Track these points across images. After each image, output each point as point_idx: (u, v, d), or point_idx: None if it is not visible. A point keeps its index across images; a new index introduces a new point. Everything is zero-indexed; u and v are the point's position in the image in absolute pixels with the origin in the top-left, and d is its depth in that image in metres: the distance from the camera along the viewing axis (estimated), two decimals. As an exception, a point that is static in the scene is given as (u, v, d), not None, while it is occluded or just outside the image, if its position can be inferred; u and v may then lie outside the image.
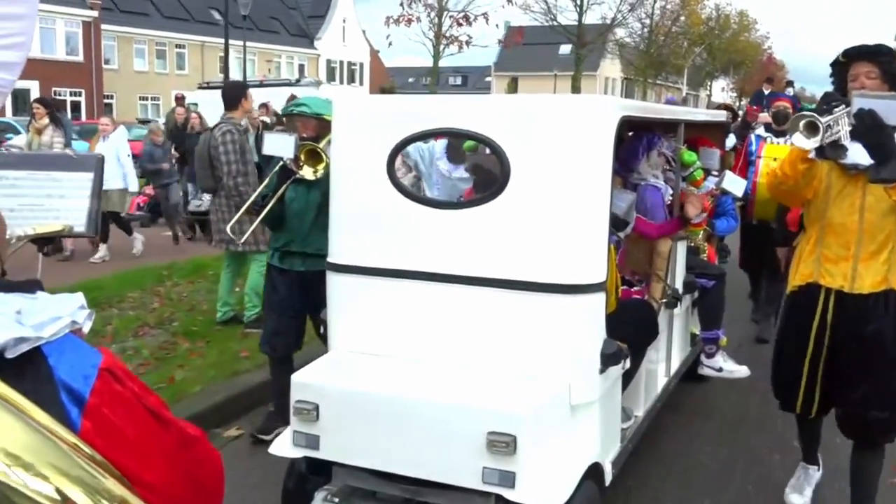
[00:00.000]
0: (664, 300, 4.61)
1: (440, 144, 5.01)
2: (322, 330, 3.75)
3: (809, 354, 3.71)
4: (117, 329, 6.80)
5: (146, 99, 44.93)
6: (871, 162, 3.28)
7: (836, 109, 3.27)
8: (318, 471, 3.37)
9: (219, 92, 7.35)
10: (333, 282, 3.68)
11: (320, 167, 4.35)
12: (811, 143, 3.25)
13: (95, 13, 39.76)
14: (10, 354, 1.20)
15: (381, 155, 3.48)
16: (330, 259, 3.68)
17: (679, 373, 5.12)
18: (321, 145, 4.35)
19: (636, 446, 4.18)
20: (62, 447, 1.21)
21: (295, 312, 4.80)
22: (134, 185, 10.83)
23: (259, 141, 10.57)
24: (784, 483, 4.28)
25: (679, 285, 4.83)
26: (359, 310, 3.60)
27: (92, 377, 1.29)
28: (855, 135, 3.24)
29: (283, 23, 49.57)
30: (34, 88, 32.17)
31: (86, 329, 1.41)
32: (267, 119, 11.48)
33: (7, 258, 1.53)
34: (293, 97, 8.94)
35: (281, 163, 4.43)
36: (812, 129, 3.22)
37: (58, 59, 38.24)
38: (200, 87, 24.36)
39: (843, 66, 3.58)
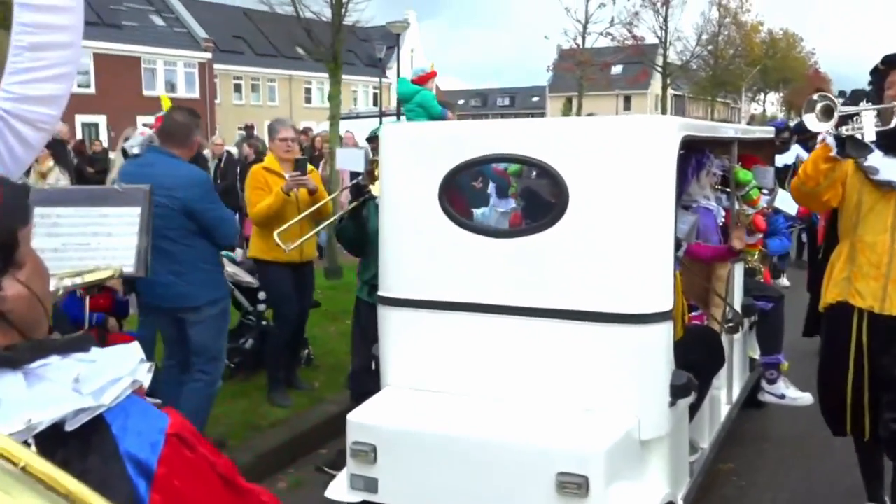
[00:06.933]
0: (726, 325, 4.10)
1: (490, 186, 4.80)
2: (374, 366, 3.34)
3: (851, 376, 3.33)
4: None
5: (243, 129, 46.59)
6: None
7: (862, 104, 2.96)
8: None
9: (363, 121, 7.16)
10: (386, 316, 3.31)
11: None
12: (821, 127, 2.94)
13: (209, 55, 42.52)
14: (69, 427, 1.03)
15: (432, 184, 3.12)
16: (381, 293, 3.32)
17: (740, 400, 4.56)
18: None
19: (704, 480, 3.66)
20: None
21: None
22: None
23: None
24: None
25: (738, 309, 4.31)
26: (414, 344, 3.23)
27: (159, 444, 1.10)
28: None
29: (358, 54, 50.36)
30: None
31: (146, 384, 1.18)
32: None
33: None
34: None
35: (356, 180, 4.17)
36: (827, 112, 2.89)
37: (179, 97, 40.52)
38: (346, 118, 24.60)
39: (882, 73, 3.24)
